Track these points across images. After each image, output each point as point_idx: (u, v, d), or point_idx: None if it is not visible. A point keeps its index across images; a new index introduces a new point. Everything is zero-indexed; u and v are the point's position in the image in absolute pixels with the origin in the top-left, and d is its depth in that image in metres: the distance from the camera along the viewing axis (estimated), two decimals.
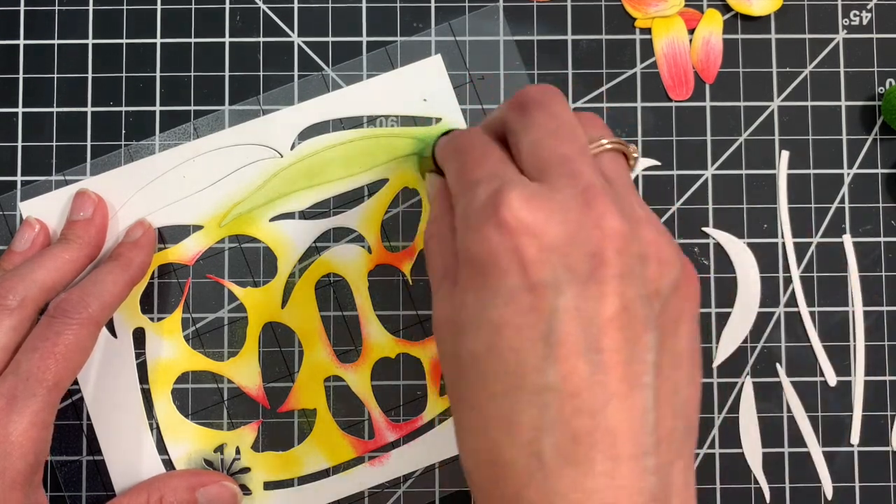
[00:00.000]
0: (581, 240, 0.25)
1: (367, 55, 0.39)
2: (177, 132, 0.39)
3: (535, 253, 0.25)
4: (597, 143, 0.28)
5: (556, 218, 0.25)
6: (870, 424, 0.39)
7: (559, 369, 0.24)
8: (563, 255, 0.25)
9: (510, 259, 0.25)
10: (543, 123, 0.28)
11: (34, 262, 0.35)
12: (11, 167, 0.39)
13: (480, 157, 0.28)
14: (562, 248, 0.25)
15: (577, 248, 0.25)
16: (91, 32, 0.39)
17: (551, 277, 0.25)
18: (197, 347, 0.38)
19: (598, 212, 0.25)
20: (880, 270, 0.39)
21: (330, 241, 0.39)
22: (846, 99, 0.40)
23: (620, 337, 0.25)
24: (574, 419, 0.24)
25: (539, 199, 0.26)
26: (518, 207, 0.25)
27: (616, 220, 0.25)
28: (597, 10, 0.40)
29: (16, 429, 0.31)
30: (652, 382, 0.25)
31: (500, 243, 0.25)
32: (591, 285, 0.25)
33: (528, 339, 0.25)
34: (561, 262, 0.25)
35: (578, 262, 0.25)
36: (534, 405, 0.24)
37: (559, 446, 0.24)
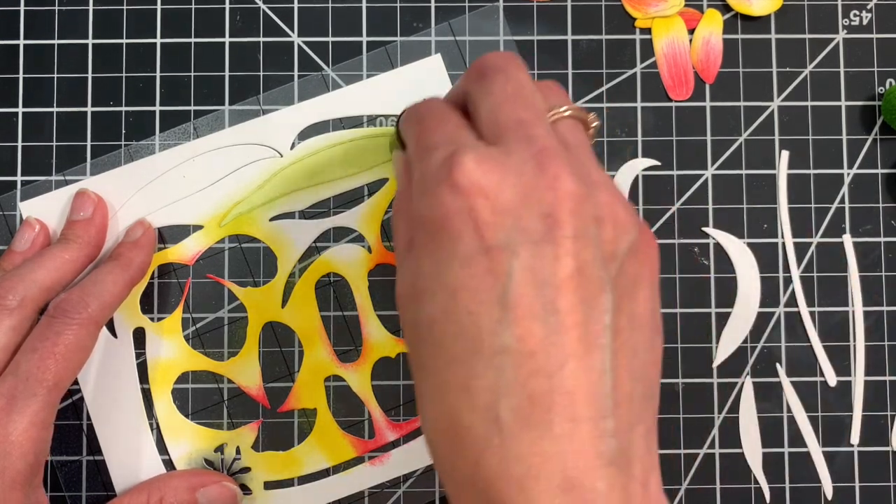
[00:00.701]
0: (535, 201, 0.25)
1: (367, 55, 0.39)
2: (177, 132, 0.39)
3: (488, 215, 0.25)
4: (556, 111, 0.28)
5: (509, 180, 0.25)
6: (870, 424, 0.39)
7: (514, 331, 0.24)
8: (516, 217, 0.25)
9: (464, 222, 0.25)
10: (501, 88, 0.28)
11: (34, 262, 0.35)
12: (11, 167, 0.39)
13: (437, 124, 0.28)
14: (515, 209, 0.25)
15: (530, 210, 0.25)
16: (91, 32, 0.39)
17: (505, 239, 0.25)
18: (197, 347, 0.38)
19: (553, 173, 0.25)
20: (880, 270, 0.39)
21: (330, 241, 0.39)
22: (846, 99, 0.40)
23: (576, 298, 0.24)
24: (530, 381, 0.24)
25: (493, 161, 0.25)
26: (471, 169, 0.25)
27: (570, 182, 0.25)
28: (597, 10, 0.40)
29: (16, 429, 0.31)
30: (609, 344, 0.25)
31: (454, 206, 0.25)
32: (546, 246, 0.24)
33: (484, 301, 0.24)
34: (515, 223, 0.25)
35: (532, 224, 0.25)
36: (490, 368, 0.24)
37: (516, 409, 0.24)
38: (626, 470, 0.24)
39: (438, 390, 0.25)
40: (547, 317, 0.24)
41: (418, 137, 0.28)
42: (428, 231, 0.26)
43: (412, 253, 0.27)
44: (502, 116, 0.27)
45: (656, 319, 0.27)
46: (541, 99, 0.28)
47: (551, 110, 0.28)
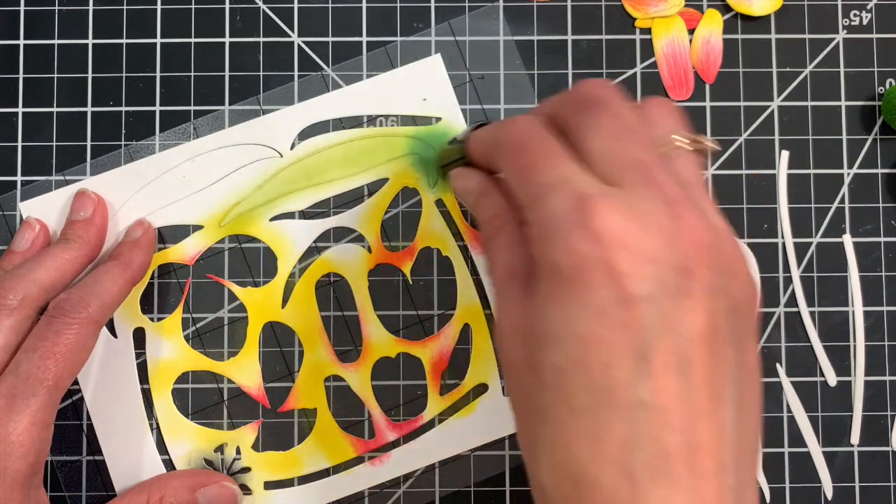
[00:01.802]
0: (672, 252, 0.24)
1: (367, 55, 0.39)
2: (177, 132, 0.39)
3: (627, 266, 0.24)
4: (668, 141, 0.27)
5: (647, 229, 0.24)
6: (870, 424, 0.39)
7: (650, 385, 0.24)
8: (655, 268, 0.24)
9: (601, 271, 0.24)
10: (608, 123, 0.27)
11: (34, 261, 0.35)
12: (11, 167, 0.39)
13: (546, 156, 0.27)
14: (654, 260, 0.24)
15: (668, 261, 0.24)
16: (91, 32, 0.39)
17: (644, 292, 0.24)
18: (197, 347, 0.38)
19: (687, 224, 0.25)
20: (880, 270, 0.39)
21: (330, 241, 0.39)
22: (846, 99, 0.40)
23: (707, 352, 0.24)
24: (664, 435, 0.24)
25: (627, 208, 0.25)
26: (608, 217, 0.24)
27: (704, 233, 0.25)
28: (597, 10, 0.40)
29: (16, 428, 0.31)
30: (732, 398, 0.25)
31: (591, 254, 0.24)
32: (683, 300, 0.24)
33: (619, 354, 0.24)
34: (653, 275, 0.24)
35: (669, 276, 0.24)
36: (623, 421, 0.24)
37: (649, 462, 0.24)
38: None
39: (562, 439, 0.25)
40: (682, 371, 0.24)
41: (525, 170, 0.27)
42: (558, 277, 0.25)
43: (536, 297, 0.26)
44: (618, 156, 0.26)
45: (760, 371, 0.27)
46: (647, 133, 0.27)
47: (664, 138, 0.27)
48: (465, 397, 0.38)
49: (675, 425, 0.24)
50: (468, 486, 0.38)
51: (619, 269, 0.24)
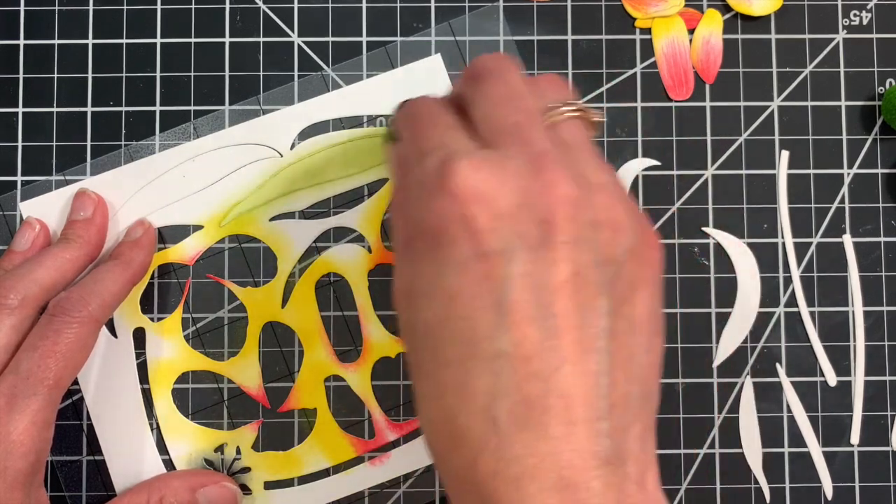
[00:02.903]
0: (531, 206, 0.25)
1: (367, 55, 0.39)
2: (177, 132, 0.39)
3: (485, 221, 0.25)
4: (554, 110, 0.28)
5: (506, 185, 0.25)
6: (870, 424, 0.39)
7: (511, 336, 0.24)
8: (513, 223, 0.25)
9: (460, 228, 0.25)
10: (495, 91, 0.28)
11: (34, 261, 0.35)
12: (11, 167, 0.39)
13: (431, 125, 0.28)
14: (512, 215, 0.25)
15: (527, 215, 0.25)
16: (91, 32, 0.39)
17: (502, 245, 0.25)
18: (197, 347, 0.38)
19: (549, 178, 0.25)
20: (880, 270, 0.39)
21: (330, 241, 0.39)
22: (846, 99, 0.40)
23: (572, 303, 0.25)
24: (527, 384, 0.24)
25: (488, 166, 0.25)
26: (466, 175, 0.25)
27: (567, 187, 0.25)
28: (597, 10, 0.40)
29: (16, 428, 0.31)
30: (605, 347, 0.25)
31: (450, 212, 0.25)
32: (542, 252, 0.25)
33: (481, 307, 0.25)
34: (511, 229, 0.25)
35: (529, 229, 0.25)
36: (487, 371, 0.24)
37: (513, 411, 0.24)
38: (620, 469, 0.25)
39: (435, 392, 0.26)
40: (543, 321, 0.24)
41: (413, 137, 0.28)
42: (425, 236, 0.26)
43: (410, 255, 0.27)
44: (497, 120, 0.27)
45: (656, 321, 0.27)
46: (533, 101, 0.28)
47: (550, 108, 0.28)
48: None
49: (537, 374, 0.24)
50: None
51: (477, 224, 0.25)
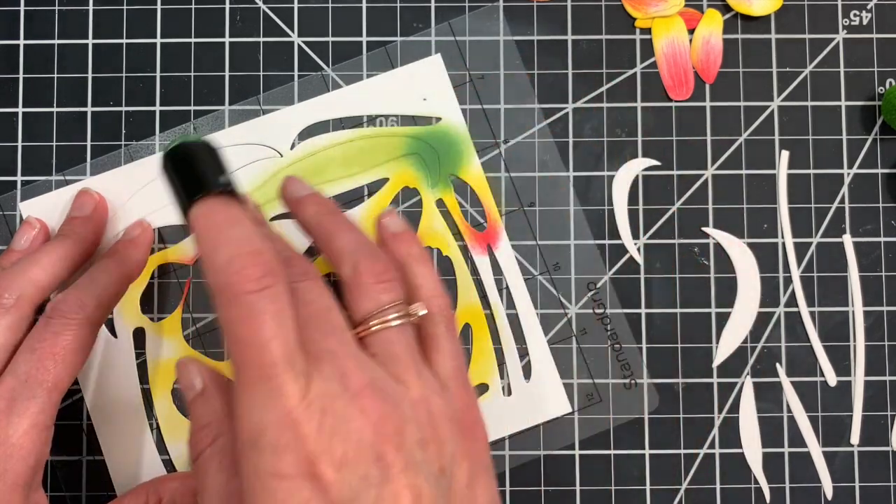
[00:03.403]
0: (365, 448, 0.26)
1: (367, 55, 0.39)
2: (176, 132, 0.39)
3: (331, 475, 0.25)
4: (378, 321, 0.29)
5: (339, 436, 0.25)
6: (870, 424, 0.39)
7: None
8: (354, 469, 0.25)
9: (311, 489, 0.25)
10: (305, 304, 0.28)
11: (29, 259, 0.35)
12: (11, 167, 0.39)
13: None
14: (351, 462, 0.25)
15: (364, 457, 0.25)
16: (91, 32, 0.39)
17: (349, 495, 0.25)
18: (197, 347, 0.38)
19: (375, 417, 0.26)
20: (880, 270, 0.39)
21: None
22: (846, 99, 0.40)
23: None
24: None
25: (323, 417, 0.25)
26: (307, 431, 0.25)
27: (391, 421, 0.26)
28: (597, 10, 0.40)
29: (16, 431, 0.31)
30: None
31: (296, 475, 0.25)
32: (385, 487, 0.25)
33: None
34: (354, 475, 0.25)
35: (369, 470, 0.25)
36: None
37: None
38: None
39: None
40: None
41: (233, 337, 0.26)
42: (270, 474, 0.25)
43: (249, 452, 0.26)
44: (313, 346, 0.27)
45: (490, 496, 0.29)
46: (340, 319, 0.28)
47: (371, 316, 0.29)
48: None
49: None
50: None
51: (324, 481, 0.25)
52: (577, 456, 0.38)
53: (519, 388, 0.38)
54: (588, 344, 0.38)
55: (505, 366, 0.38)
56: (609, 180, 0.39)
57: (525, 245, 0.39)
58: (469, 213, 0.39)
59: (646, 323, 0.39)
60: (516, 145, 0.39)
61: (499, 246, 0.39)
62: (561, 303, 0.39)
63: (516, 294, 0.39)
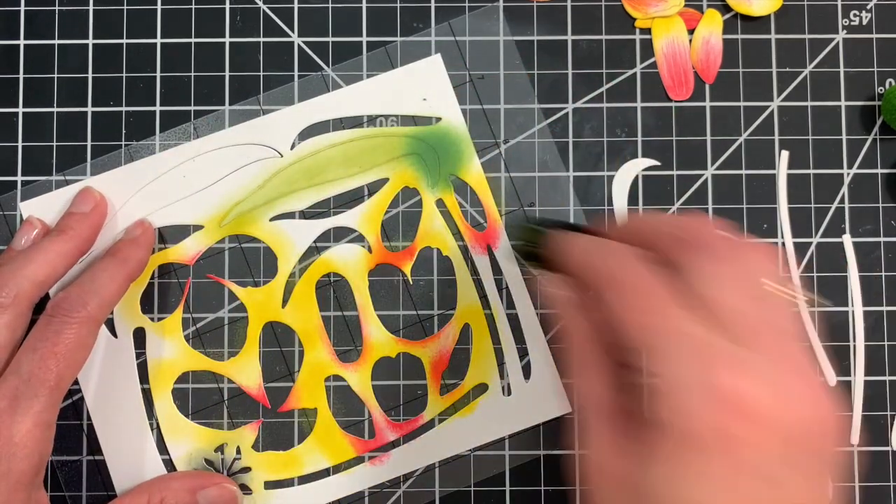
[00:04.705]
0: (805, 434, 0.24)
1: (367, 55, 0.39)
2: (177, 132, 0.39)
3: (760, 437, 0.23)
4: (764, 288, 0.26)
5: (785, 405, 0.24)
6: (870, 424, 0.39)
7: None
8: (785, 447, 0.23)
9: (732, 442, 0.23)
10: (725, 273, 0.26)
11: (25, 257, 0.35)
12: (11, 167, 0.39)
13: (651, 298, 0.26)
14: (787, 439, 0.24)
15: (799, 442, 0.24)
16: (91, 32, 0.39)
17: (771, 469, 0.23)
18: (197, 347, 0.38)
19: (819, 398, 0.24)
20: (880, 270, 0.39)
21: (330, 241, 0.39)
22: (846, 99, 0.40)
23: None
24: None
25: (766, 378, 0.24)
26: (744, 386, 0.23)
27: (827, 407, 0.24)
28: (597, 10, 0.40)
29: (19, 430, 0.31)
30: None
31: (722, 425, 0.23)
32: (814, 479, 0.24)
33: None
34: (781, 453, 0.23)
35: (808, 460, 0.24)
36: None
37: None
38: None
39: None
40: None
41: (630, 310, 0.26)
42: (683, 443, 0.24)
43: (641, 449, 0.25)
44: (750, 317, 0.25)
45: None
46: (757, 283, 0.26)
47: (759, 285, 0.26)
48: (465, 397, 0.38)
49: None
50: (468, 486, 0.38)
51: (748, 441, 0.23)
52: (576, 456, 0.38)
53: (519, 388, 0.38)
54: None
55: (505, 366, 0.38)
56: (609, 180, 0.39)
57: None
58: (469, 213, 0.39)
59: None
60: (516, 145, 0.39)
61: (499, 246, 0.39)
62: None
63: (516, 294, 0.39)
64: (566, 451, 0.38)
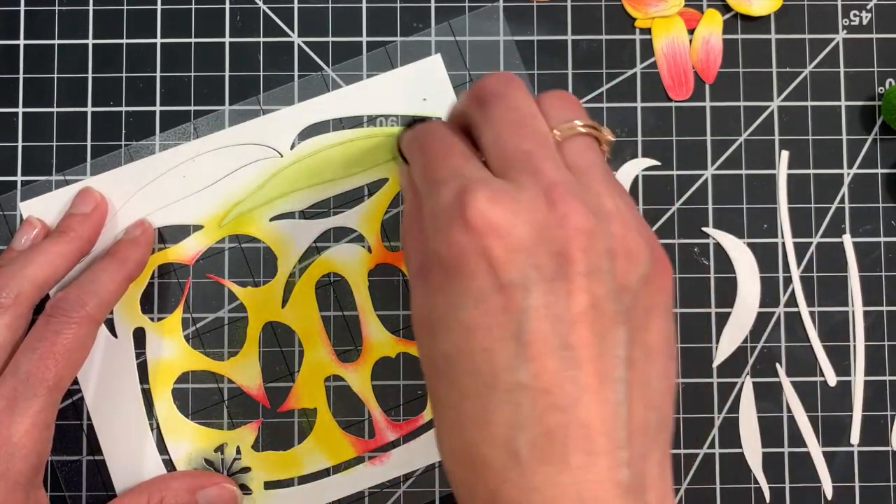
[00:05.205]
0: (547, 239, 0.25)
1: (367, 55, 0.39)
2: (177, 132, 0.39)
3: (502, 254, 0.25)
4: (567, 127, 0.28)
5: (521, 217, 0.25)
6: (870, 424, 0.39)
7: (530, 367, 0.24)
8: (529, 255, 0.25)
9: (478, 260, 0.25)
10: (503, 116, 0.28)
11: (25, 257, 0.35)
12: (11, 167, 0.39)
13: (443, 154, 0.28)
14: (528, 248, 0.25)
15: (543, 248, 0.25)
16: (91, 32, 0.39)
17: (519, 277, 0.25)
18: (197, 347, 0.38)
19: (563, 210, 0.25)
20: (880, 270, 0.39)
21: (330, 241, 0.39)
22: (846, 99, 0.40)
23: (590, 333, 0.25)
24: (547, 415, 0.24)
25: (505, 198, 0.26)
26: (483, 208, 0.25)
27: (581, 218, 0.25)
28: (597, 10, 0.40)
29: (18, 430, 0.31)
30: (623, 376, 0.25)
31: (467, 244, 0.25)
32: (559, 283, 0.25)
33: (499, 339, 0.25)
34: (528, 261, 0.25)
35: (545, 262, 0.25)
36: (507, 403, 0.25)
37: (534, 443, 0.24)
38: (641, 497, 0.25)
39: (456, 423, 0.26)
40: (562, 352, 0.25)
41: (425, 167, 0.28)
42: (441, 268, 0.26)
43: (425, 285, 0.27)
44: (508, 148, 0.27)
45: (670, 347, 0.27)
46: (544, 125, 0.28)
47: (562, 126, 0.28)
48: None
49: (557, 405, 0.24)
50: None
51: (495, 257, 0.25)
52: None
53: None
54: None
55: None
56: None
57: None
58: None
59: None
60: None
61: None
62: None
63: None
64: None
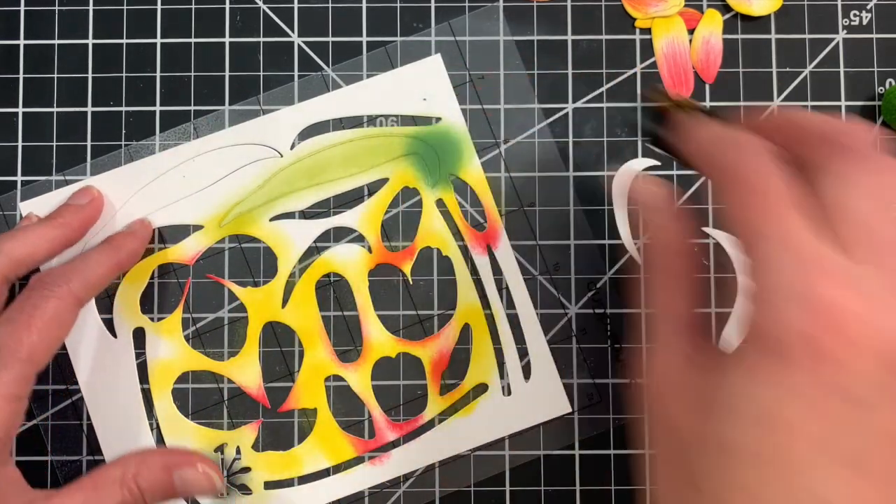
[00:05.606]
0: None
1: (367, 55, 0.39)
2: (177, 132, 0.39)
3: (853, 355, 0.22)
4: None
5: (885, 322, 0.22)
6: None
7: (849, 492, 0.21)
8: (877, 368, 0.22)
9: (822, 356, 0.22)
10: (869, 183, 0.23)
11: (7, 234, 0.34)
12: (11, 167, 0.39)
13: (768, 200, 0.24)
14: (879, 357, 0.22)
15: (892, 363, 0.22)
16: (91, 32, 0.39)
17: (870, 393, 0.22)
18: (197, 347, 0.38)
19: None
20: None
21: (330, 241, 0.39)
22: (846, 99, 0.40)
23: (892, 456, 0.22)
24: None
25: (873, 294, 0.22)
26: (842, 297, 0.22)
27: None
28: (597, 10, 0.40)
29: None
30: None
31: (814, 333, 0.22)
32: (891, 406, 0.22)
33: (823, 453, 0.22)
34: (872, 374, 0.22)
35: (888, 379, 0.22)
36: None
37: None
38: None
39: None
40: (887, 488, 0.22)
41: (742, 208, 0.24)
42: (766, 349, 0.23)
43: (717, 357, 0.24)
44: (880, 232, 0.23)
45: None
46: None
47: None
48: (465, 397, 0.38)
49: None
50: (468, 486, 0.38)
51: (842, 357, 0.22)
52: (577, 456, 0.38)
53: (519, 388, 0.38)
54: (588, 344, 0.38)
55: (505, 366, 0.38)
56: (609, 180, 0.39)
57: (525, 245, 0.39)
58: (469, 213, 0.39)
59: (646, 323, 0.39)
60: (516, 145, 0.39)
61: (499, 246, 0.39)
62: (561, 303, 0.39)
63: (516, 294, 0.39)
64: (566, 451, 0.38)
